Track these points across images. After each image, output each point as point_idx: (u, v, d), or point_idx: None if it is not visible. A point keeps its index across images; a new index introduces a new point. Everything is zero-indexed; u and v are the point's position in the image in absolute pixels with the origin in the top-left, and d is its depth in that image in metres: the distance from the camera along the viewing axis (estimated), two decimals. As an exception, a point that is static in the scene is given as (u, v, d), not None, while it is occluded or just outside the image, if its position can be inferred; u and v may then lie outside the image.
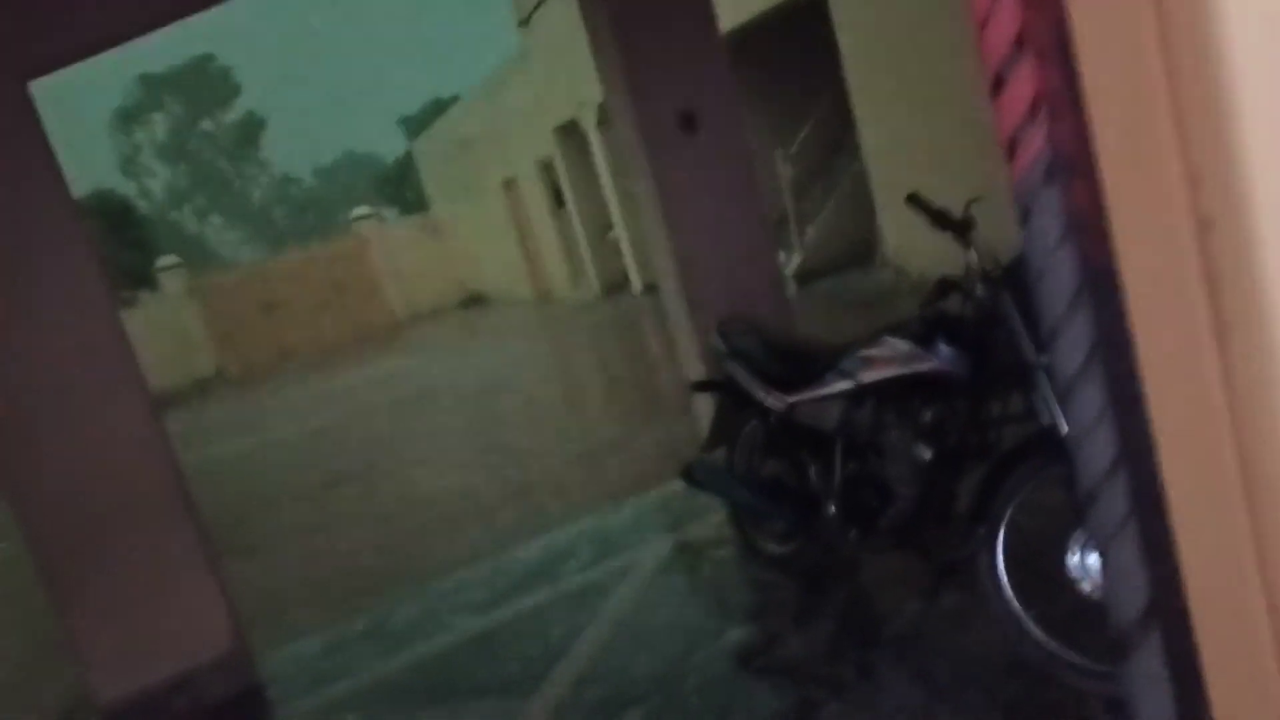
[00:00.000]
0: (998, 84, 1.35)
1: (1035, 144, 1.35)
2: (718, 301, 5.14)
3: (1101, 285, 1.36)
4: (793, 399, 3.67)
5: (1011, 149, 1.37)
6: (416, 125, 29.81)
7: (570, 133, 15.64)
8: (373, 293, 23.33)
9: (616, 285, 16.06)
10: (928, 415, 3.15)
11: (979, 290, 2.93)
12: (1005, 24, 1.30)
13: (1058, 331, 1.41)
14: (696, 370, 5.09)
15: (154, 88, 43.47)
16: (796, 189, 11.90)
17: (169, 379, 20.40)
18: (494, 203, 20.00)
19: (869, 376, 3.39)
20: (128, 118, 44.16)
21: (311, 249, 24.67)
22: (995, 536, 2.83)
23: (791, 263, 11.71)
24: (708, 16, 5.27)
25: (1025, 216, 1.39)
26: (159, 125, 44.67)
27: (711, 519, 4.62)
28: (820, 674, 3.20)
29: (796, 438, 3.73)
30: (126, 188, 41.56)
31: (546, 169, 17.43)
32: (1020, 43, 1.32)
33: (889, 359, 3.32)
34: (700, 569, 4.31)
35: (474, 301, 22.80)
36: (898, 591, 3.60)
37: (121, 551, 4.25)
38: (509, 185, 19.24)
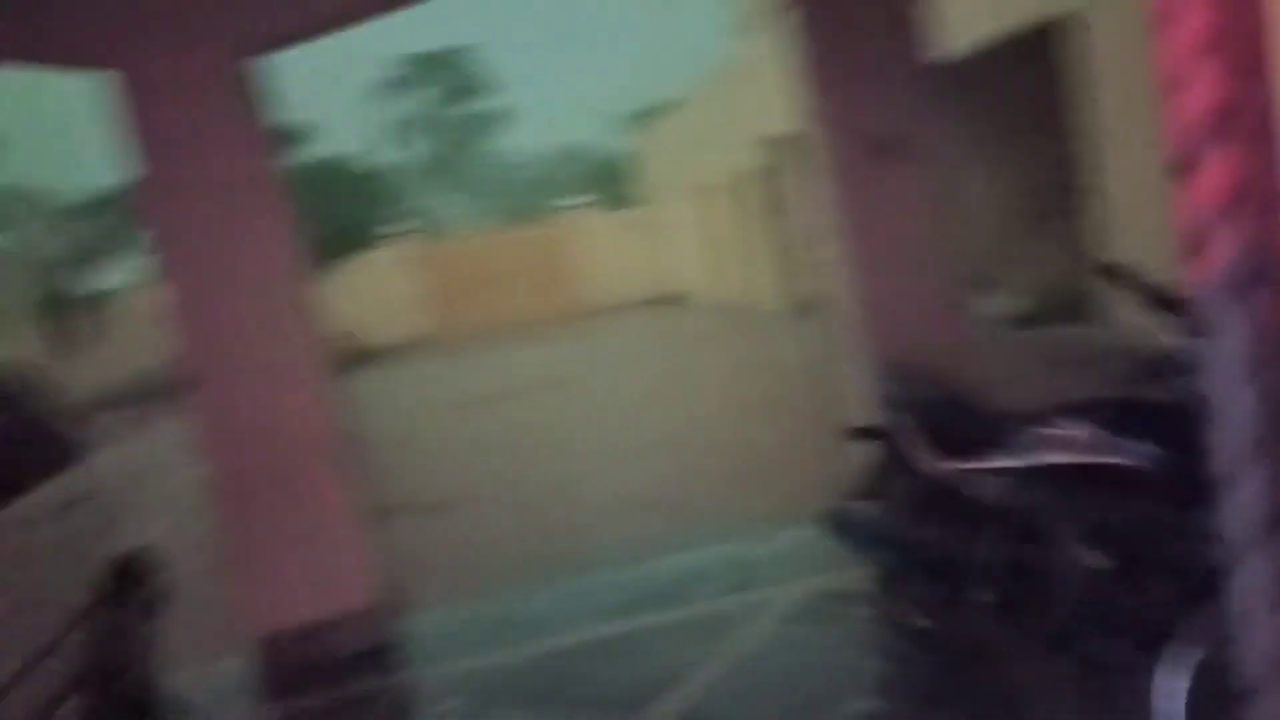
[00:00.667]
0: (1187, 165, 1.08)
1: (1227, 246, 1.08)
2: (893, 343, 4.81)
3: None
4: (956, 465, 3.34)
5: (1195, 247, 1.11)
6: (645, 120, 30.40)
7: (795, 142, 15.38)
8: (576, 279, 24.06)
9: (818, 302, 15.65)
10: (1106, 515, 2.76)
11: (1192, 381, 2.52)
12: (1204, 93, 1.04)
13: (1233, 478, 1.13)
14: (858, 411, 4.79)
15: (420, 66, 46.83)
16: (1012, 229, 11.08)
17: (386, 335, 22.01)
18: (705, 204, 20.04)
19: (1043, 458, 3.02)
20: (393, 89, 47.71)
21: (526, 229, 25.78)
22: (1181, 671, 2.43)
23: (999, 307, 10.92)
24: (915, 39, 4.92)
25: (1201, 334, 1.12)
26: (417, 101, 48.03)
27: (859, 571, 4.33)
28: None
29: (955, 507, 3.40)
30: (381, 154, 45.18)
31: (763, 175, 17.25)
32: (1223, 118, 1.05)
33: (1070, 443, 2.95)
34: (835, 624, 4.05)
35: (672, 299, 22.99)
36: (1046, 696, 3.20)
37: (283, 497, 4.53)
38: (722, 188, 19.22)
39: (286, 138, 19.12)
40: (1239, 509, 1.10)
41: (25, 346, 18.15)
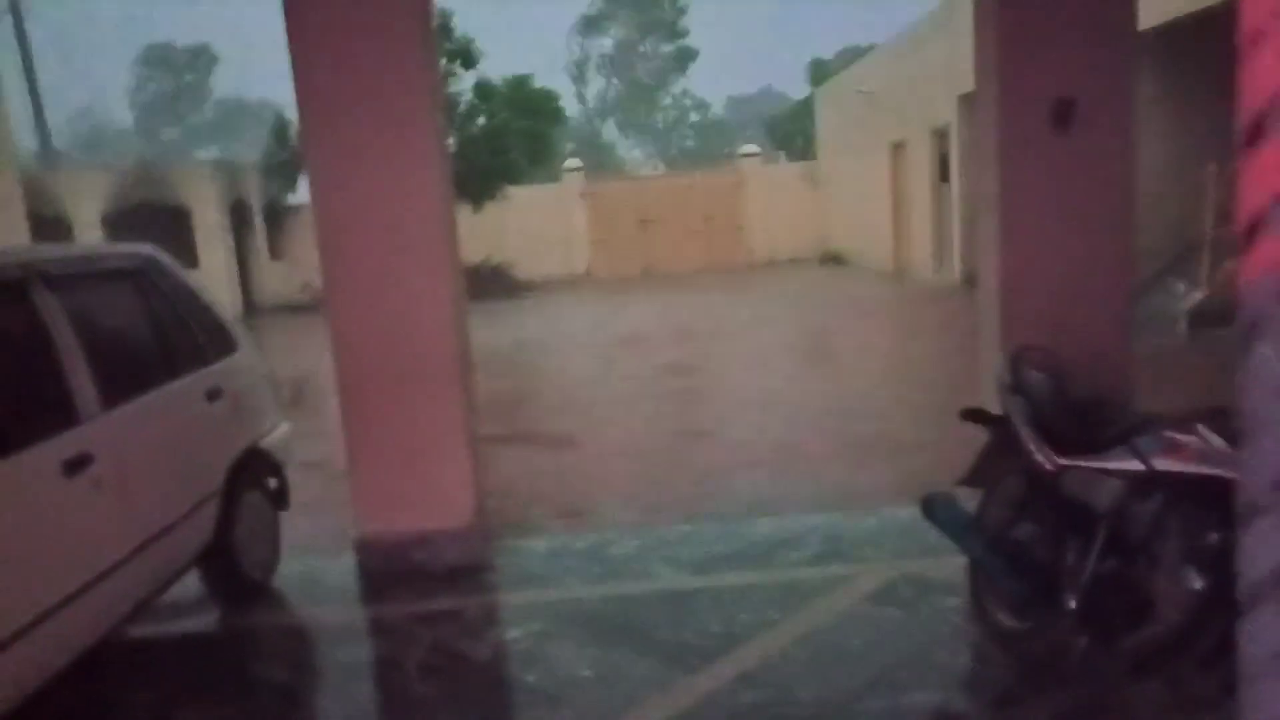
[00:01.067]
0: (1255, 134, 0.91)
1: None
2: (1040, 327, 4.48)
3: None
4: (1065, 461, 3.10)
5: (1252, 231, 0.94)
6: (827, 71, 29.38)
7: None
8: (738, 230, 23.77)
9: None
10: (1216, 535, 2.48)
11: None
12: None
13: (1255, 509, 0.98)
14: (990, 396, 4.51)
15: (616, 3, 47.17)
16: (1203, 216, 10.03)
17: (547, 269, 22.57)
18: (878, 163, 19.26)
19: (1163, 464, 2.75)
20: (588, 26, 48.37)
21: (695, 176, 25.61)
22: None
23: (1189, 299, 9.97)
24: (1109, 5, 4.46)
25: (1249, 338, 0.96)
26: (609, 39, 48.46)
27: (956, 561, 4.13)
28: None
29: (1059, 507, 3.16)
30: (567, 88, 45.99)
31: (940, 138, 16.37)
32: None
33: (1195, 451, 2.66)
34: (919, 610, 3.88)
35: (833, 259, 22.36)
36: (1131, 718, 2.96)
37: (402, 411, 4.76)
38: (898, 148, 18.39)
39: (470, 59, 19.62)
40: (1260, 545, 0.95)
41: (224, 253, 19.74)
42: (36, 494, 3.05)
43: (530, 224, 22.69)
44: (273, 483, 4.85)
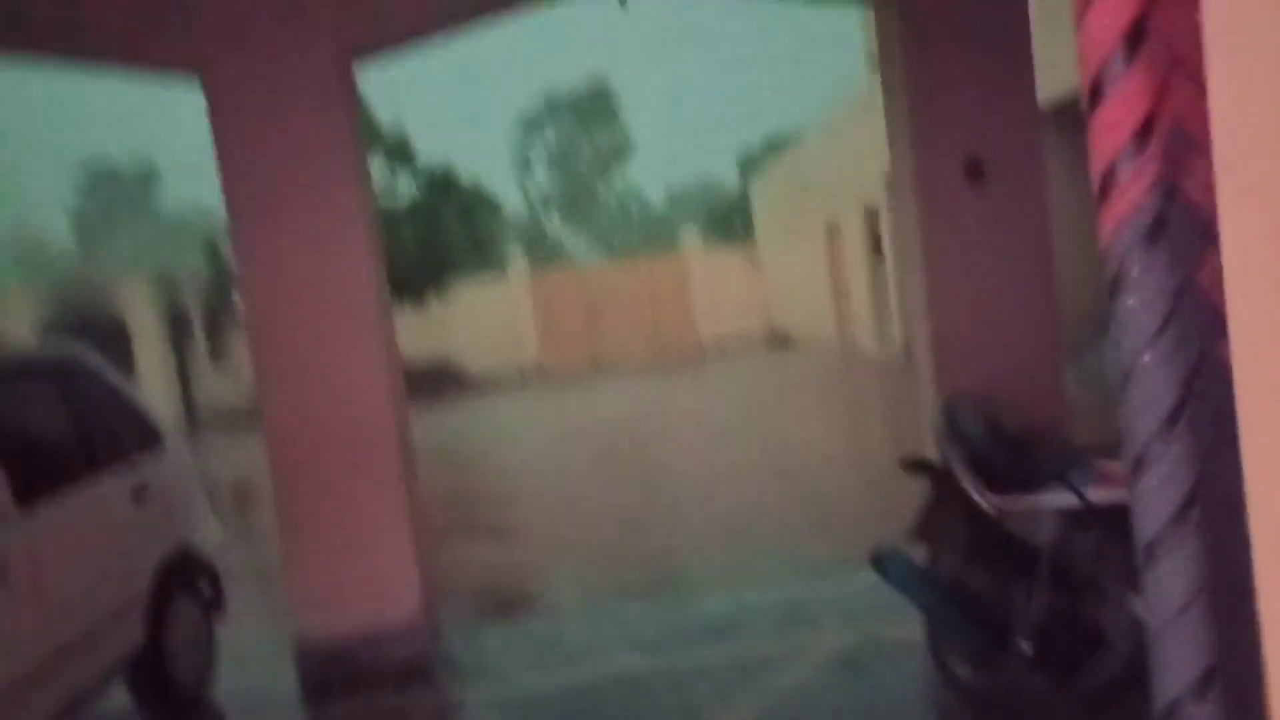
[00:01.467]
0: (1095, 94, 0.94)
1: (1139, 186, 0.93)
2: (974, 375, 4.55)
3: (1210, 399, 0.92)
4: (1004, 503, 3.10)
5: (1104, 189, 0.96)
6: (757, 157, 30.39)
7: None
8: (684, 314, 24.04)
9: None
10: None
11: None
12: (1115, 12, 0.90)
13: (1143, 461, 0.97)
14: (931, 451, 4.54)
15: (553, 106, 48.72)
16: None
17: (493, 360, 22.50)
18: (815, 244, 19.76)
19: (1099, 496, 2.76)
20: (528, 128, 49.74)
21: (638, 264, 25.98)
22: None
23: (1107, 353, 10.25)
24: (1018, 54, 4.71)
25: (1114, 289, 0.97)
26: (550, 138, 49.78)
27: (913, 619, 4.07)
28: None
29: (1004, 549, 3.15)
30: (511, 186, 46.85)
31: (872, 216, 16.90)
32: (1134, 40, 0.91)
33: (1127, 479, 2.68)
34: (879, 673, 3.80)
35: (778, 339, 22.68)
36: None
37: (341, 505, 4.61)
38: (832, 228, 18.92)
39: (406, 155, 19.87)
40: (1148, 493, 0.94)
41: (166, 362, 19.38)
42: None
43: (475, 318, 22.72)
44: (206, 587, 4.64)
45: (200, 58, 4.53)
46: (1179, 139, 0.88)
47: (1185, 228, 0.92)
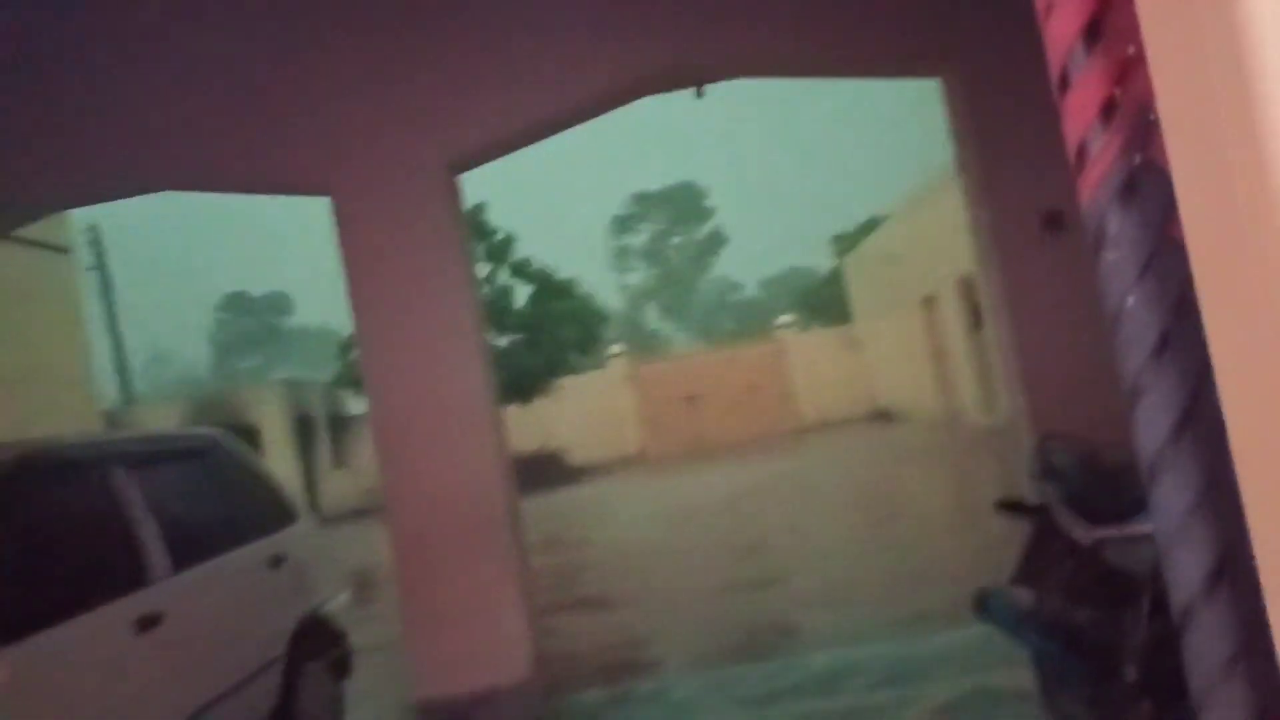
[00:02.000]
0: (1062, 84, 1.12)
1: (1109, 155, 1.09)
2: (1067, 417, 4.53)
3: (1193, 332, 1.06)
4: (1100, 533, 3.10)
5: (1079, 162, 1.13)
6: (849, 237, 30.56)
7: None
8: (785, 397, 24.02)
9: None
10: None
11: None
12: (1072, 13, 1.09)
13: (1136, 392, 1.11)
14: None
15: (645, 202, 50.46)
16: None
17: (599, 452, 22.84)
18: (912, 319, 19.63)
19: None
20: (622, 225, 51.53)
21: (736, 349, 26.21)
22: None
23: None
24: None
25: (1096, 247, 1.13)
26: (644, 233, 51.36)
27: (1025, 669, 4.01)
28: None
29: (1106, 581, 3.13)
30: (607, 280, 48.28)
31: (968, 286, 16.75)
32: (1092, 36, 1.09)
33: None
34: (986, 719, 3.75)
35: (882, 416, 22.35)
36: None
37: (454, 568, 4.87)
38: (928, 302, 18.79)
39: (521, 269, 20.89)
40: (1144, 418, 1.08)
41: (291, 462, 20.46)
42: (111, 647, 3.21)
43: (580, 411, 23.23)
44: (335, 653, 4.92)
45: (328, 181, 5.08)
46: (1140, 115, 1.05)
47: (1154, 187, 1.08)
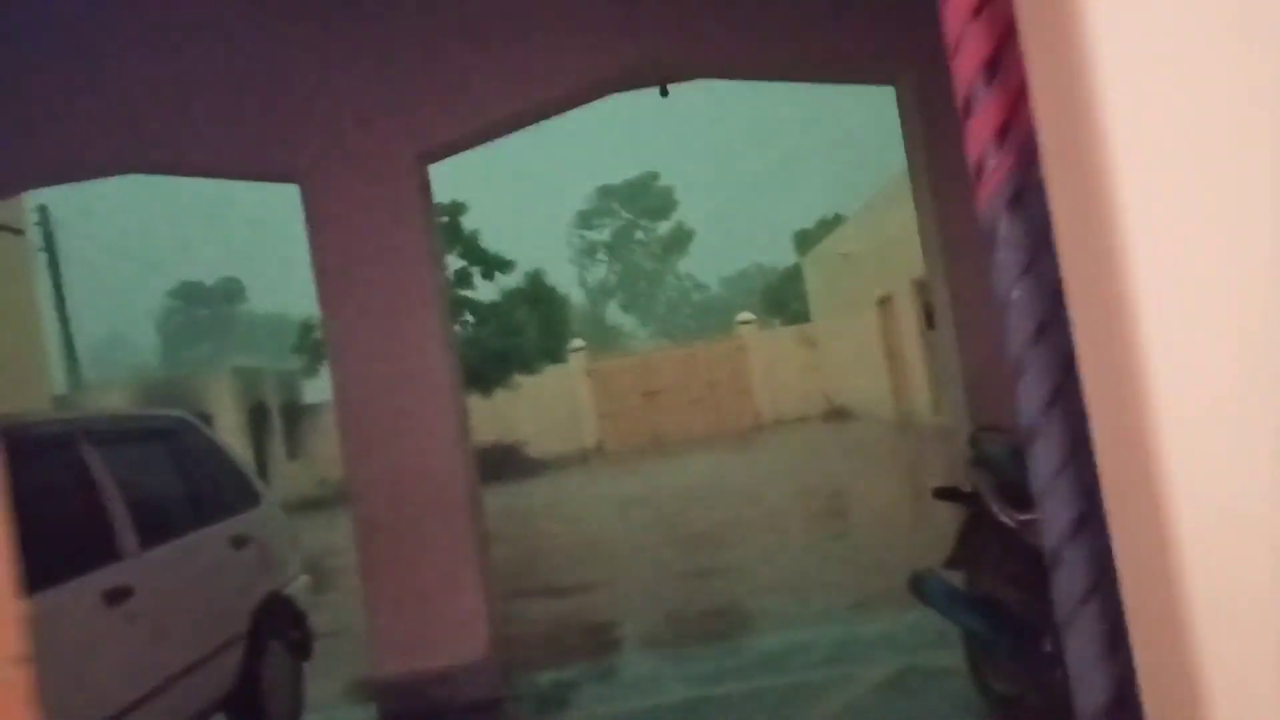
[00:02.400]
0: (966, 109, 1.31)
1: (1002, 170, 1.29)
2: (1005, 417, 4.80)
3: (1066, 322, 1.25)
4: (1026, 516, 3.33)
5: (978, 174, 1.32)
6: (809, 238, 30.97)
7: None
8: (743, 394, 24.32)
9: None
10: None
11: None
12: (974, 52, 1.28)
13: (1019, 371, 1.31)
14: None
15: (609, 196, 50.40)
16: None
17: (558, 445, 22.94)
18: (868, 319, 20.02)
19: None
20: (586, 219, 51.44)
21: (695, 346, 26.47)
22: None
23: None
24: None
25: (989, 246, 1.32)
26: (607, 228, 51.33)
27: (955, 648, 4.25)
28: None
29: (1029, 561, 3.37)
30: (569, 274, 48.24)
31: (922, 288, 17.15)
32: (991, 71, 1.28)
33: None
34: (920, 694, 3.99)
35: (838, 414, 22.74)
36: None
37: (415, 549, 4.99)
38: (884, 303, 19.18)
39: (489, 263, 20.88)
40: (1025, 392, 1.27)
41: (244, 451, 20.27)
42: (81, 619, 3.30)
43: (539, 404, 23.30)
44: (295, 632, 5.02)
45: (297, 167, 5.16)
46: (1029, 139, 1.24)
47: (1038, 199, 1.27)
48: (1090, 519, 1.27)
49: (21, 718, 1.11)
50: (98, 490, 3.69)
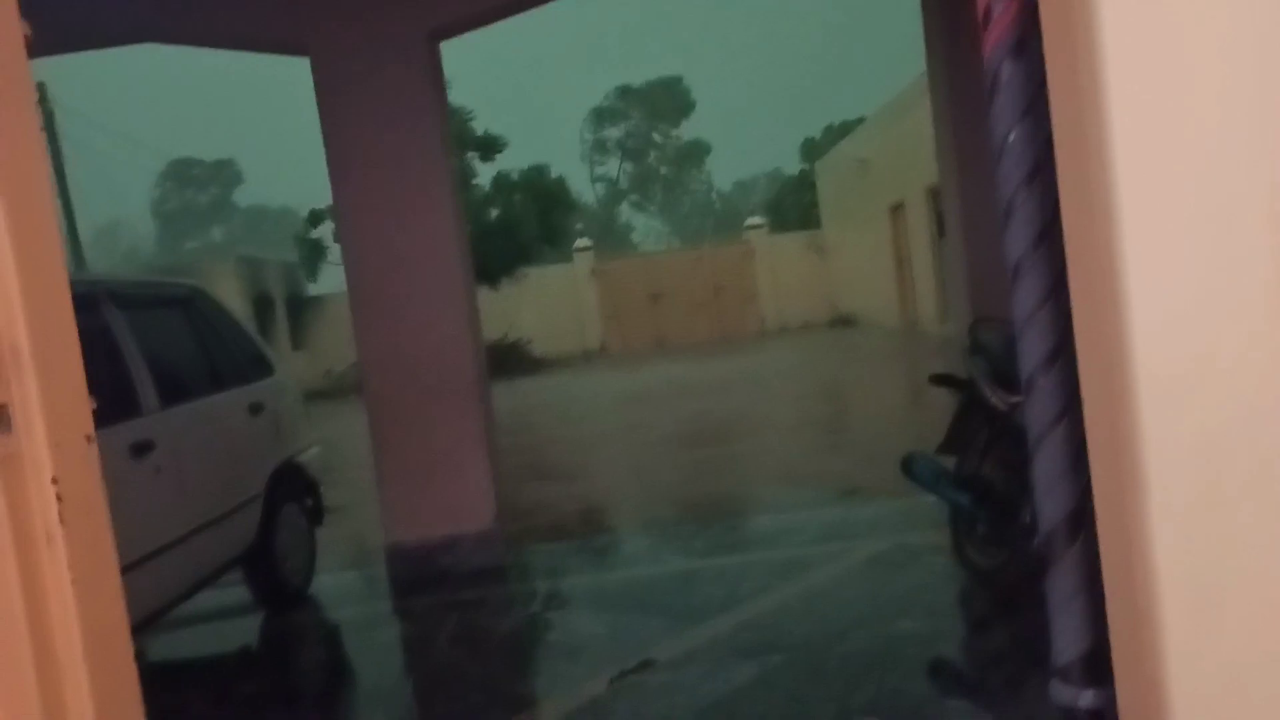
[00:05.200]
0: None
1: (1006, 19, 1.34)
2: (1002, 312, 4.88)
3: (1053, 173, 1.32)
4: (1016, 399, 3.45)
5: (985, 23, 1.37)
6: (819, 148, 30.46)
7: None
8: (749, 300, 24.35)
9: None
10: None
11: None
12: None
13: (1009, 212, 1.38)
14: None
15: (628, 97, 49.37)
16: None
17: (562, 345, 23.13)
18: (878, 227, 19.90)
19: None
20: (601, 118, 50.49)
21: (703, 249, 26.38)
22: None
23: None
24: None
25: (991, 91, 1.38)
26: (622, 128, 50.40)
27: (939, 529, 4.45)
28: (966, 677, 3.03)
29: (1017, 442, 3.50)
30: (583, 173, 47.61)
31: (935, 195, 16.99)
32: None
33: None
34: (907, 568, 4.18)
35: (843, 322, 22.83)
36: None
37: (425, 425, 5.16)
38: (896, 209, 19.03)
39: (493, 148, 20.63)
40: (1013, 232, 1.35)
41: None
42: (107, 469, 3.46)
43: (545, 303, 23.37)
44: (308, 500, 5.23)
45: (308, 39, 5.10)
46: None
47: (1038, 48, 1.33)
48: (1064, 352, 1.37)
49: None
50: (119, 349, 3.81)
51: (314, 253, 21.23)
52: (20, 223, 1.22)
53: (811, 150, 31.56)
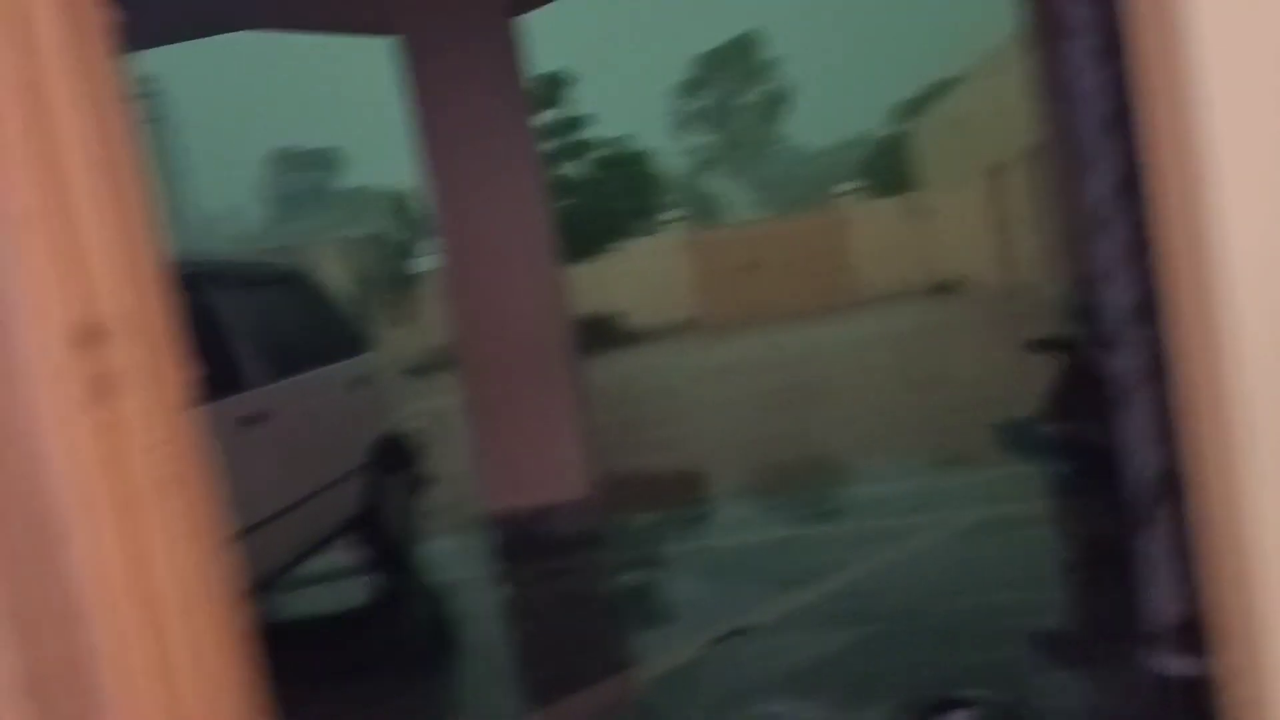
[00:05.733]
0: None
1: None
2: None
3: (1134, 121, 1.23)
4: (1124, 360, 3.29)
5: None
6: (917, 105, 29.47)
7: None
8: (844, 267, 23.87)
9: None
10: None
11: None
12: None
13: (1093, 156, 1.30)
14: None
15: (710, 62, 48.89)
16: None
17: (655, 318, 23.16)
18: (977, 188, 19.19)
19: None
20: (687, 87, 50.20)
21: (796, 217, 25.96)
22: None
23: None
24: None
25: (1058, 38, 1.29)
26: (708, 96, 49.98)
27: (1039, 500, 4.29)
28: (1066, 647, 2.93)
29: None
30: (671, 144, 47.42)
31: (1035, 156, 16.25)
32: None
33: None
34: (1008, 538, 4.05)
35: (941, 289, 22.14)
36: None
37: (517, 396, 5.26)
38: (995, 171, 18.30)
39: (575, 125, 20.77)
40: (1096, 174, 1.27)
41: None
42: (217, 439, 3.64)
43: (637, 277, 23.41)
44: (410, 471, 5.39)
45: (394, 20, 5.21)
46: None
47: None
48: (1150, 304, 1.29)
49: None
50: (224, 325, 3.99)
51: (414, 231, 21.80)
52: (121, 204, 1.28)
53: (904, 110, 30.60)
